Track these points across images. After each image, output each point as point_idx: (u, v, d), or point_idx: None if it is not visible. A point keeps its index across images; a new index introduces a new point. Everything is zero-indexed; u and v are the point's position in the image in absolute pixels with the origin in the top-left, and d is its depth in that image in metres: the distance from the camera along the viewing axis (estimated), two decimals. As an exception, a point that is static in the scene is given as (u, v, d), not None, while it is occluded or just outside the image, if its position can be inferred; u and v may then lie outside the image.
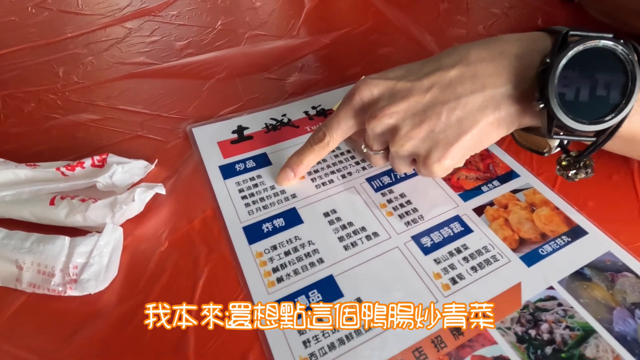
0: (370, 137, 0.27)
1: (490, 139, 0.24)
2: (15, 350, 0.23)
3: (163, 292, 0.25)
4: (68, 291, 0.24)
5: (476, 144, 0.24)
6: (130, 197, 0.26)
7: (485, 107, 0.23)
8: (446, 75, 0.24)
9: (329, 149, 0.29)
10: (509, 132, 0.25)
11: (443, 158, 0.24)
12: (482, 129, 0.24)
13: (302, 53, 0.46)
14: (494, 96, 0.23)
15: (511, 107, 0.23)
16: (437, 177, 0.26)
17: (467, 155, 0.25)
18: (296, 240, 0.27)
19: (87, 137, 0.36)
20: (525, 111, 0.23)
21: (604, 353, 0.22)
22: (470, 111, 0.23)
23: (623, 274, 0.25)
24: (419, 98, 0.25)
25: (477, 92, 0.23)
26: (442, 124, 0.24)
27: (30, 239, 0.25)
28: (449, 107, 0.24)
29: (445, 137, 0.24)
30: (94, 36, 0.50)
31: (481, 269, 0.25)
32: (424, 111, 0.24)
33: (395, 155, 0.26)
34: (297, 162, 0.30)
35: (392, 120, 0.25)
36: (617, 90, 0.21)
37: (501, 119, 0.24)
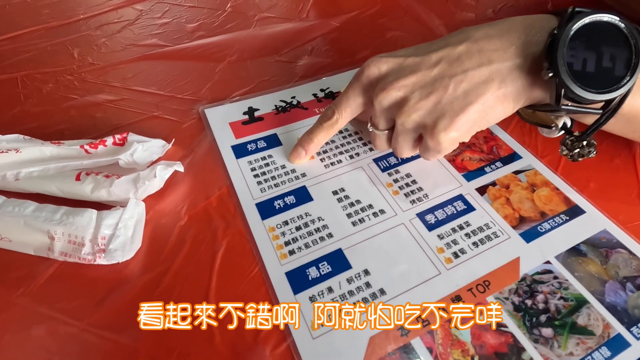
0: (377, 113, 0.27)
1: (496, 114, 0.25)
2: (51, 312, 0.25)
3: (184, 263, 0.27)
4: (97, 260, 0.26)
5: (482, 118, 0.25)
6: (152, 174, 0.28)
7: (491, 80, 0.24)
8: (454, 51, 0.25)
9: (338, 126, 0.30)
10: (515, 109, 0.25)
11: (449, 128, 0.24)
12: (487, 101, 0.24)
13: (312, 36, 0.47)
14: (500, 69, 0.24)
15: (517, 80, 0.24)
16: (442, 151, 0.26)
17: (473, 129, 0.25)
18: (306, 216, 0.29)
19: (105, 117, 0.37)
20: (533, 84, 0.24)
21: (595, 321, 0.23)
22: (476, 84, 0.24)
23: (617, 250, 0.26)
24: (427, 72, 0.25)
25: (483, 65, 0.24)
26: (449, 96, 0.24)
27: (60, 211, 0.27)
28: (456, 79, 0.24)
29: (451, 108, 0.24)
30: (105, 18, 0.50)
31: (482, 244, 0.27)
32: (431, 84, 0.25)
33: (401, 130, 0.27)
34: (307, 140, 0.31)
35: (401, 92, 0.26)
36: (621, 63, 0.22)
37: (507, 93, 0.24)
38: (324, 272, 0.25)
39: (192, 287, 0.26)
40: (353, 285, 0.25)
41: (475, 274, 0.25)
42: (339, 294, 0.24)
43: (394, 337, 0.23)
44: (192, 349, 0.23)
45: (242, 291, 0.25)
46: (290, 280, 0.25)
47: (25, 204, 0.27)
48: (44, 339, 0.24)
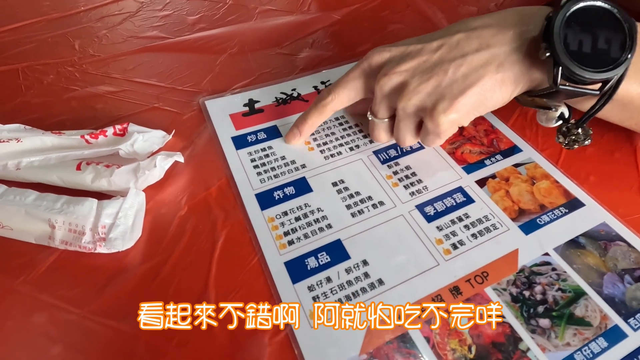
0: (378, 100, 0.28)
1: (494, 98, 0.25)
2: (52, 300, 0.25)
3: (184, 252, 0.27)
4: (98, 248, 0.26)
5: (481, 102, 0.25)
6: (152, 164, 0.28)
7: (489, 64, 0.25)
8: (453, 38, 0.26)
9: (332, 107, 0.30)
10: (514, 94, 0.26)
11: (449, 110, 0.25)
12: (486, 84, 0.25)
13: (313, 29, 0.47)
14: (498, 54, 0.25)
15: (515, 64, 0.24)
16: (442, 134, 0.26)
17: (472, 113, 0.26)
18: (306, 207, 0.29)
19: (106, 108, 0.37)
20: (531, 66, 0.24)
21: (592, 312, 0.23)
22: (475, 67, 0.25)
23: (616, 243, 0.26)
24: (427, 57, 0.26)
25: (482, 49, 0.25)
26: (448, 79, 0.25)
27: (61, 200, 0.27)
28: (456, 64, 0.25)
29: (451, 90, 0.25)
30: (106, 10, 0.50)
31: (481, 236, 0.27)
32: (431, 68, 0.26)
33: (403, 115, 0.27)
34: (302, 121, 0.32)
35: (401, 77, 0.26)
36: (616, 45, 0.23)
37: (505, 77, 0.25)
38: (323, 262, 0.26)
39: (192, 276, 0.26)
40: (352, 275, 0.25)
41: (473, 265, 0.25)
42: (338, 283, 0.25)
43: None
44: (191, 336, 0.23)
45: (242, 280, 0.25)
46: (289, 270, 0.25)
47: (27, 193, 0.27)
48: (46, 325, 0.24)
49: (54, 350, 0.23)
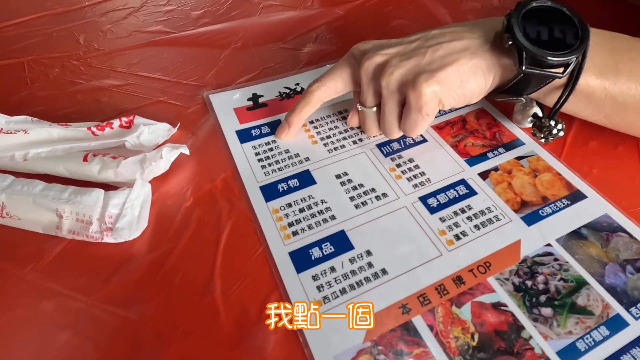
0: (365, 85, 0.29)
1: (470, 86, 0.27)
2: (60, 288, 0.25)
3: (190, 242, 0.27)
4: (105, 238, 0.26)
5: (459, 85, 0.27)
6: (158, 155, 0.28)
7: (464, 50, 0.27)
8: (429, 33, 0.29)
9: (318, 95, 0.31)
10: (487, 84, 0.28)
11: (431, 80, 0.26)
12: (462, 67, 0.27)
13: (317, 24, 0.47)
14: (470, 44, 0.27)
15: (486, 53, 0.27)
16: (424, 106, 0.27)
17: (453, 92, 0.27)
18: (310, 199, 0.29)
19: (111, 102, 0.37)
20: (500, 56, 0.27)
21: (594, 302, 0.24)
22: (451, 51, 0.27)
23: (618, 234, 0.26)
24: (406, 46, 0.29)
25: (456, 40, 0.28)
26: (426, 59, 0.27)
27: (68, 190, 0.27)
28: (433, 48, 0.28)
29: (430, 67, 0.27)
30: (111, 4, 0.51)
31: (484, 227, 0.27)
32: (411, 52, 0.28)
33: (386, 94, 0.28)
34: (290, 113, 0.32)
35: (383, 58, 0.28)
36: (571, 34, 0.26)
37: (478, 65, 0.27)
38: (327, 252, 0.26)
39: (198, 265, 0.26)
40: (355, 265, 0.25)
41: (476, 255, 0.26)
42: (342, 273, 0.25)
43: (395, 315, 0.23)
44: (197, 325, 0.24)
45: (247, 270, 0.26)
46: (294, 260, 0.25)
47: (34, 183, 0.27)
48: (54, 313, 0.24)
49: (61, 337, 0.23)
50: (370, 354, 0.22)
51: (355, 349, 0.22)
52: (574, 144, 0.33)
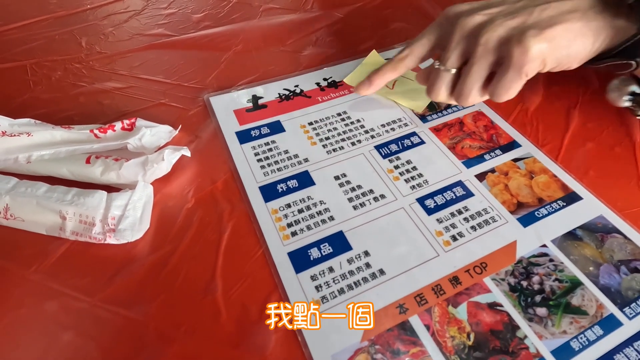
0: (454, 43, 0.28)
1: (576, 47, 0.26)
2: (63, 289, 0.26)
3: (192, 243, 0.28)
4: (107, 239, 0.26)
5: (566, 44, 0.26)
6: (160, 157, 0.29)
7: (574, 11, 0.26)
8: None
9: (406, 63, 0.32)
10: (594, 47, 0.26)
11: (540, 36, 0.25)
12: (571, 27, 0.25)
13: (316, 27, 0.47)
14: (581, 5, 0.26)
15: (597, 15, 0.26)
16: (527, 63, 0.25)
17: (559, 52, 0.26)
18: (308, 199, 0.29)
19: (113, 104, 0.38)
20: (615, 16, 0.26)
21: (589, 302, 0.24)
22: (560, 11, 0.26)
23: (612, 235, 0.27)
24: (510, 6, 0.27)
25: (565, 0, 0.26)
26: (533, 18, 0.26)
27: (71, 192, 0.27)
28: (541, 7, 0.26)
29: (538, 24, 0.25)
30: (112, 8, 0.51)
31: (480, 228, 0.27)
32: (516, 11, 0.27)
33: (481, 51, 0.26)
34: (375, 72, 0.33)
35: (485, 17, 0.27)
36: None
37: (589, 26, 0.26)
38: (325, 252, 0.26)
39: (199, 266, 0.26)
40: (353, 265, 0.26)
41: (472, 256, 0.26)
42: (340, 273, 0.25)
43: (392, 315, 0.24)
44: (199, 324, 0.24)
45: (248, 271, 0.26)
46: (293, 260, 0.26)
47: (38, 185, 0.28)
48: (57, 313, 0.25)
49: (65, 337, 0.24)
50: (367, 353, 0.22)
51: (352, 348, 0.22)
52: (571, 146, 0.33)
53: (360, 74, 0.40)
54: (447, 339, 0.23)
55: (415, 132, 0.34)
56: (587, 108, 0.36)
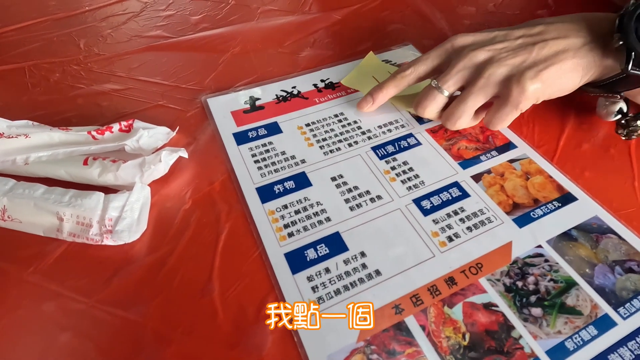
0: (456, 70, 0.30)
1: (565, 81, 0.29)
2: (61, 289, 0.26)
3: (189, 244, 0.28)
4: (105, 240, 0.27)
5: (556, 82, 0.28)
6: (157, 159, 0.29)
7: (567, 50, 0.28)
8: (533, 29, 0.30)
9: (408, 80, 0.33)
10: (582, 81, 0.29)
11: (536, 78, 0.28)
12: (563, 67, 0.28)
13: (314, 28, 0.48)
14: (574, 43, 0.29)
15: (588, 53, 0.28)
16: (523, 101, 0.28)
17: (549, 89, 0.28)
18: (305, 200, 0.29)
19: (111, 106, 0.38)
20: (603, 55, 0.28)
21: (583, 302, 0.24)
22: (555, 51, 0.28)
23: (607, 236, 0.27)
24: (512, 42, 0.30)
25: (560, 38, 0.29)
26: (532, 57, 0.29)
27: (69, 194, 0.28)
28: (539, 46, 0.29)
29: (535, 65, 0.28)
30: (111, 10, 0.51)
31: (476, 229, 0.28)
32: (516, 48, 0.29)
33: (483, 84, 0.29)
34: (377, 89, 0.34)
35: (490, 53, 0.30)
36: None
37: (580, 63, 0.28)
38: (322, 253, 0.26)
39: (197, 267, 0.27)
40: (350, 266, 0.26)
41: (468, 256, 0.26)
42: (336, 274, 0.25)
43: (388, 315, 0.24)
44: (196, 325, 0.24)
45: (245, 271, 0.26)
46: (289, 261, 0.26)
47: (35, 187, 0.28)
48: (55, 314, 0.25)
49: (62, 338, 0.24)
50: (363, 353, 0.22)
51: (348, 348, 0.22)
52: (567, 147, 0.34)
53: (358, 76, 0.40)
54: (443, 339, 0.23)
55: (412, 133, 0.34)
56: (583, 109, 0.36)
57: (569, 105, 0.37)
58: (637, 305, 0.24)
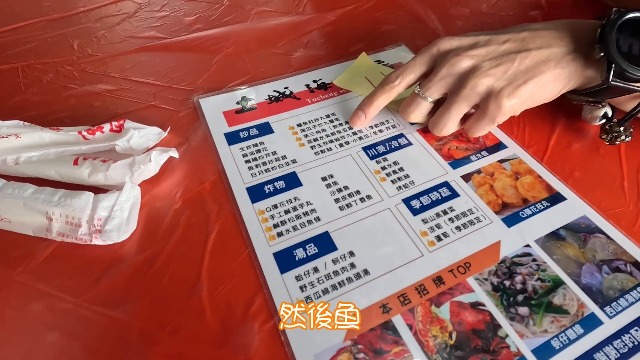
0: (438, 77, 0.30)
1: (547, 91, 0.29)
2: (49, 289, 0.26)
3: (178, 244, 0.28)
4: (94, 240, 0.27)
5: (536, 93, 0.29)
6: (147, 158, 0.29)
7: (549, 60, 0.28)
8: (519, 35, 0.30)
9: (398, 90, 0.33)
10: (563, 90, 0.29)
11: (512, 95, 0.28)
12: (544, 78, 0.28)
13: (308, 29, 0.48)
14: (557, 52, 0.29)
15: (571, 63, 0.28)
16: (499, 117, 0.29)
17: (527, 102, 0.29)
18: (295, 200, 0.30)
19: (104, 106, 0.38)
20: (585, 66, 0.28)
21: (570, 301, 0.24)
22: (537, 62, 0.28)
23: (595, 235, 0.27)
24: (496, 47, 0.30)
25: (544, 47, 0.29)
26: (514, 69, 0.29)
27: (58, 193, 0.28)
28: (522, 55, 0.29)
29: (515, 79, 0.28)
30: (105, 10, 0.51)
31: (465, 228, 0.28)
32: (500, 56, 0.29)
33: (466, 94, 0.29)
34: (367, 103, 0.33)
35: (473, 60, 0.29)
36: None
37: (561, 73, 0.28)
38: (311, 253, 0.26)
39: (186, 266, 0.27)
40: (338, 265, 0.26)
41: (456, 256, 0.26)
42: (324, 273, 0.25)
43: (375, 314, 0.24)
44: (183, 325, 0.24)
45: (233, 271, 0.26)
46: (278, 261, 0.26)
47: (25, 187, 0.28)
48: (43, 314, 0.25)
49: (50, 337, 0.24)
50: (350, 352, 0.22)
51: (335, 347, 0.22)
52: (557, 147, 0.34)
53: (350, 76, 0.40)
54: (430, 339, 0.23)
55: (403, 133, 0.34)
56: (574, 110, 0.36)
57: (560, 106, 0.37)
58: (623, 304, 0.24)
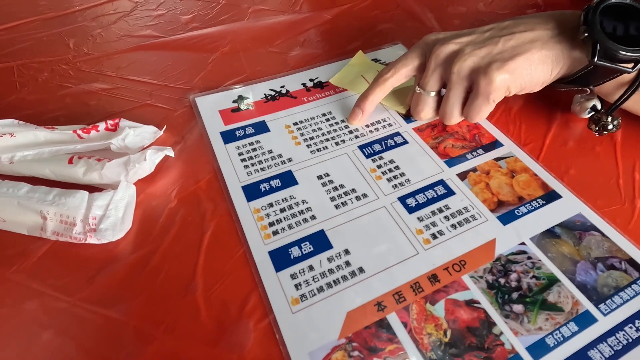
0: (431, 69, 0.31)
1: (537, 74, 0.29)
2: (44, 288, 0.26)
3: (173, 243, 0.28)
4: (88, 239, 0.27)
5: (528, 73, 0.28)
6: (143, 157, 0.29)
7: (535, 41, 0.29)
8: (502, 24, 0.31)
9: (392, 82, 0.33)
10: (553, 73, 0.29)
11: (502, 69, 0.28)
12: (532, 57, 0.28)
13: (304, 28, 0.48)
14: (542, 35, 0.29)
15: (556, 44, 0.28)
16: (492, 92, 0.28)
17: (521, 81, 0.29)
18: (291, 199, 0.29)
19: (99, 105, 0.38)
20: (571, 47, 0.28)
21: (565, 298, 0.24)
22: (522, 42, 0.29)
23: (590, 233, 0.27)
24: (479, 35, 0.30)
25: (528, 31, 0.29)
26: (498, 49, 0.29)
27: (53, 192, 0.28)
28: (505, 38, 0.29)
29: (501, 56, 0.28)
30: (101, 9, 0.51)
31: (460, 226, 0.28)
32: (483, 41, 0.30)
33: (455, 80, 0.29)
34: (363, 99, 0.34)
35: (456, 46, 0.30)
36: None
37: (548, 55, 0.28)
38: (306, 251, 0.26)
39: (181, 265, 0.27)
40: (333, 264, 0.26)
41: (452, 254, 0.26)
42: (320, 271, 0.25)
43: (370, 312, 0.24)
44: (178, 323, 0.24)
45: (228, 269, 0.26)
46: (273, 259, 0.26)
47: (20, 186, 0.28)
48: (37, 313, 0.25)
49: (44, 336, 0.24)
50: (344, 350, 0.22)
51: (330, 345, 0.22)
52: (553, 145, 0.34)
53: (347, 75, 0.40)
54: (424, 336, 0.23)
55: (399, 132, 0.34)
56: (569, 108, 0.36)
57: (556, 103, 0.37)
58: (617, 302, 0.24)
